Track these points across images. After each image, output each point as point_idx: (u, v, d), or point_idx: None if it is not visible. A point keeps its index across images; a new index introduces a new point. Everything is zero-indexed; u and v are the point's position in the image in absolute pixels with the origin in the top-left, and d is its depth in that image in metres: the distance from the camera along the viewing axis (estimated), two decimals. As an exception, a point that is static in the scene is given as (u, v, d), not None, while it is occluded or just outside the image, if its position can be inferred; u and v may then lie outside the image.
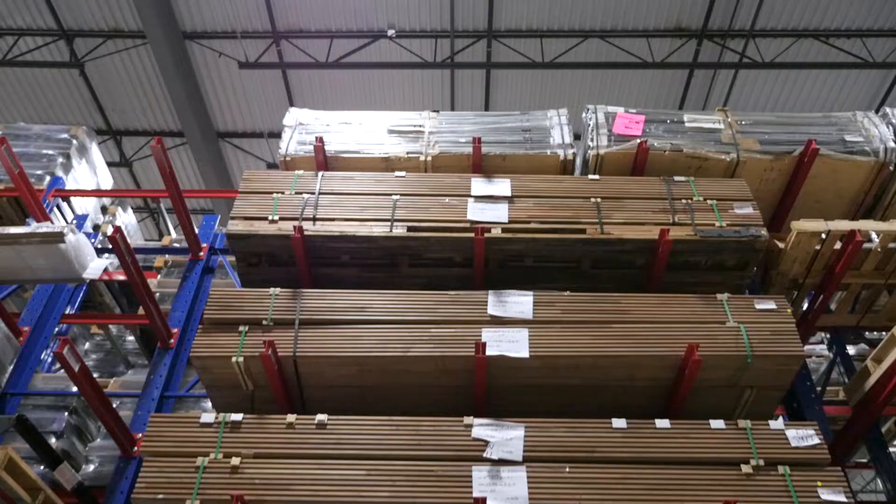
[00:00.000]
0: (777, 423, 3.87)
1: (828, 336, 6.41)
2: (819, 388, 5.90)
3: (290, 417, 3.84)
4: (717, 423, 3.84)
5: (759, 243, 4.61)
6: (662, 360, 4.11)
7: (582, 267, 4.86)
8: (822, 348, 6.84)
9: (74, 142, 6.95)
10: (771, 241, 4.94)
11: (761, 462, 3.68)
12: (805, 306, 5.36)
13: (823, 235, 4.79)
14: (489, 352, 4.06)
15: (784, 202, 5.47)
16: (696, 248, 4.65)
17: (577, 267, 4.87)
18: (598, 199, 4.80)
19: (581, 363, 4.14)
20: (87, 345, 7.23)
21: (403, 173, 5.05)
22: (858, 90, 12.47)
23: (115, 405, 4.91)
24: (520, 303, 4.35)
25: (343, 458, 3.69)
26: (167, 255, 7.06)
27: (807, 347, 6.36)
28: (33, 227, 5.09)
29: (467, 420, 3.83)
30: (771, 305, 4.33)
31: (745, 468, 3.66)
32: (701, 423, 3.82)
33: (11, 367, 5.14)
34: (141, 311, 6.07)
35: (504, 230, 4.63)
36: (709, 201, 4.79)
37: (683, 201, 4.80)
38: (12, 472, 3.50)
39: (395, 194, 4.84)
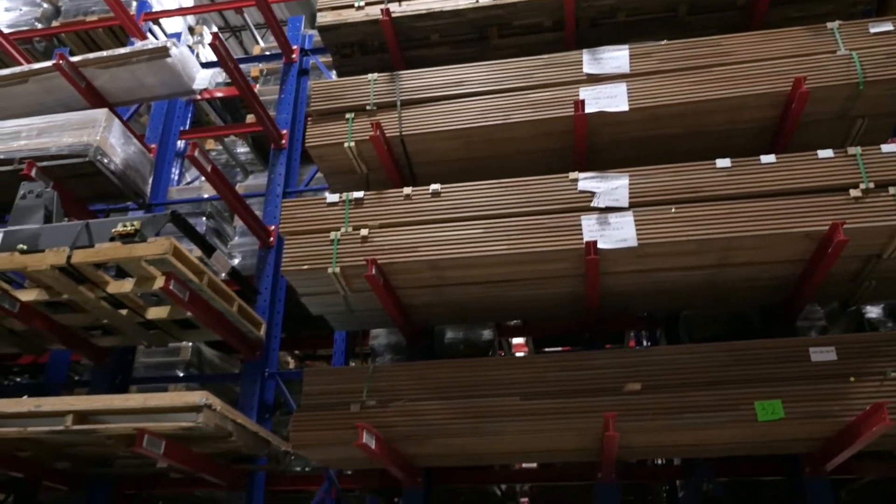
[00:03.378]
0: (889, 147, 3.81)
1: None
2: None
3: (407, 190, 4.13)
4: (825, 153, 3.82)
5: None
6: (767, 97, 4.05)
7: (678, 15, 4.68)
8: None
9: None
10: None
11: (871, 185, 3.69)
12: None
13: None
14: (588, 109, 4.13)
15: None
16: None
17: (672, 16, 4.69)
18: (694, -64, 4.48)
19: (682, 111, 4.15)
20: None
21: (483, -61, 4.85)
22: None
23: (245, 204, 5.41)
24: (615, 58, 4.30)
25: (459, 220, 3.99)
26: (262, 64, 7.26)
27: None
28: (139, 45, 5.35)
29: (573, 175, 3.99)
30: (888, 27, 4.08)
31: (854, 192, 3.69)
32: (808, 154, 3.83)
33: (151, 180, 5.68)
34: (249, 119, 6.44)
35: (594, -16, 4.46)
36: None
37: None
38: (178, 258, 4.03)
39: (477, -37, 4.70)
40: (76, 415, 3.67)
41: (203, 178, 7.02)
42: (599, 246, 3.73)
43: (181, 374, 5.62)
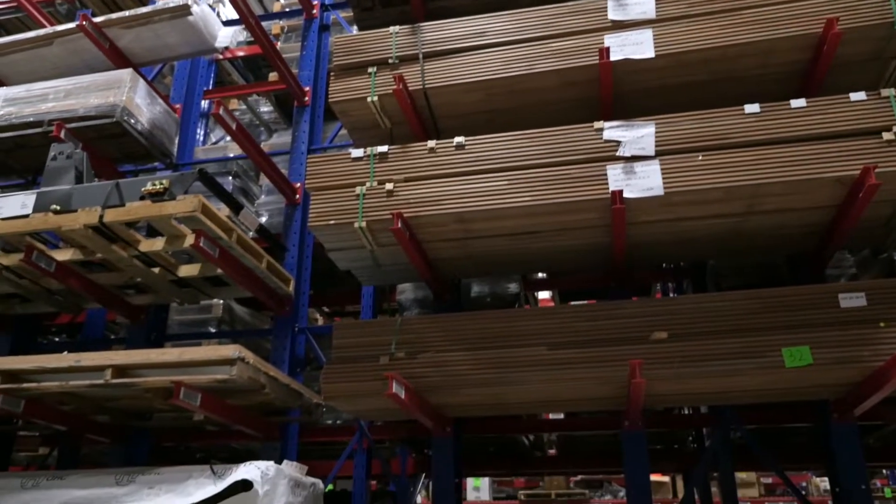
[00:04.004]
0: (923, 87, 3.71)
1: None
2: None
3: (431, 143, 4.13)
4: (857, 96, 3.73)
5: None
6: (798, 40, 3.95)
7: (705, -43, 4.54)
8: None
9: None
10: None
11: (904, 128, 3.62)
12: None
13: None
14: (613, 57, 4.06)
15: None
16: None
17: (700, -42, 4.56)
18: None
19: (710, 56, 4.07)
20: (229, 120, 7.78)
21: None
22: None
23: (271, 161, 5.44)
24: (641, 3, 4.21)
25: (484, 172, 3.98)
26: (282, 21, 7.22)
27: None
28: (161, 3, 5.35)
29: (598, 124, 3.95)
30: (925, -37, 3.94)
31: (887, 135, 3.61)
32: (839, 97, 3.74)
33: (177, 140, 5.73)
34: (271, 77, 6.43)
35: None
36: None
37: None
38: (207, 215, 4.09)
39: None
40: (115, 369, 3.79)
41: (228, 139, 7.07)
42: (625, 195, 3.72)
43: (213, 331, 5.75)
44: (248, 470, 3.58)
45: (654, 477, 9.33)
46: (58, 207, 4.22)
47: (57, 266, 4.42)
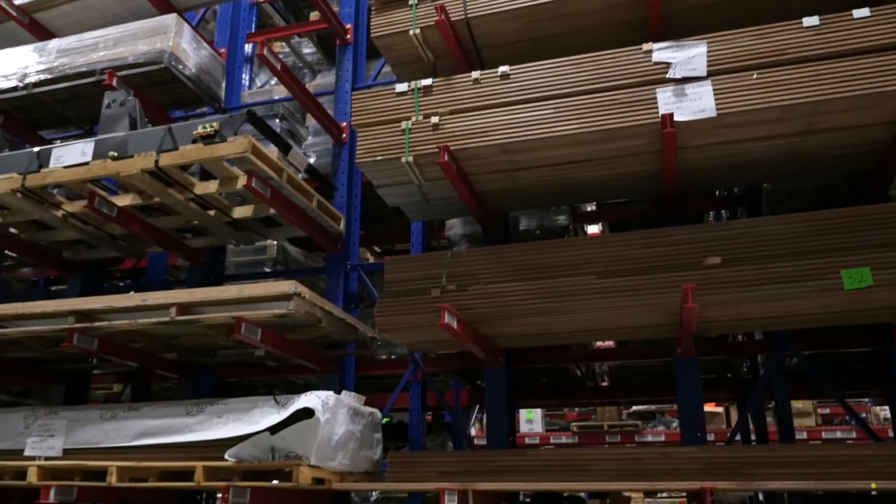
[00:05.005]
0: None
1: None
2: None
3: (475, 74, 4.08)
4: (925, 3, 3.54)
5: None
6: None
7: None
8: None
9: None
10: None
11: (978, 35, 3.41)
12: None
13: None
14: (662, -26, 3.91)
15: None
16: None
17: None
18: None
19: (765, -32, 3.89)
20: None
21: None
22: None
23: (316, 102, 5.46)
24: (691, -85, 4.02)
25: (529, 101, 3.93)
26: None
27: None
28: (199, -54, 5.34)
29: (646, 46, 3.83)
30: None
31: (958, 43, 3.42)
32: (906, 5, 3.54)
33: (224, 84, 5.80)
34: (313, 16, 6.40)
35: None
36: None
37: None
38: (257, 155, 4.16)
39: None
40: (179, 307, 3.95)
41: (273, 82, 7.11)
42: (676, 118, 3.63)
43: (268, 271, 5.92)
44: (310, 399, 3.73)
45: (707, 407, 9.35)
46: (115, 154, 4.35)
47: (118, 211, 4.59)
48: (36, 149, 4.66)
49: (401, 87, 4.19)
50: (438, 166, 3.96)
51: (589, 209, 6.46)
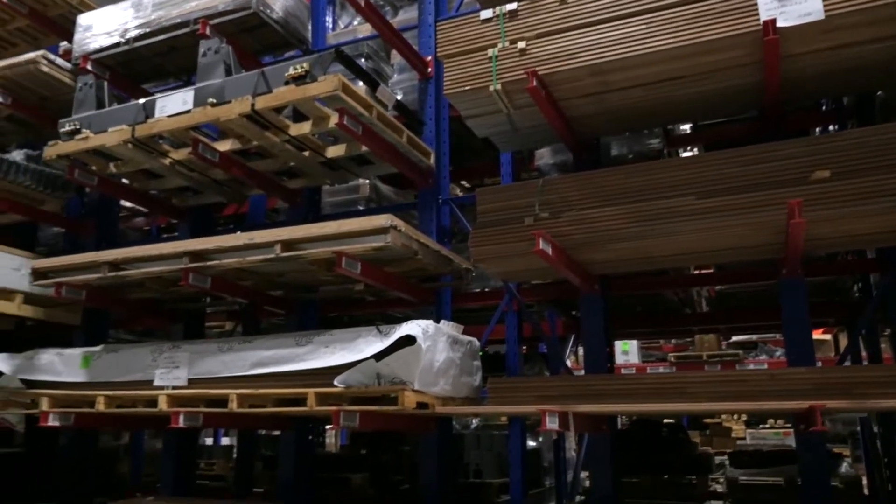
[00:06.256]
0: None
1: None
2: None
3: (561, -7, 3.96)
4: None
5: None
6: None
7: None
8: None
9: None
10: None
11: None
12: None
13: None
14: None
15: None
16: None
17: None
18: None
19: None
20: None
21: None
22: None
23: (400, 36, 5.46)
24: None
25: (619, 18, 3.79)
26: None
27: None
28: None
29: (744, -52, 3.60)
30: None
31: None
32: None
33: (310, 26, 5.87)
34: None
35: None
36: None
37: None
38: (347, 93, 4.23)
39: None
40: (283, 244, 4.14)
41: (356, 22, 7.12)
42: (779, 24, 3.41)
43: (362, 208, 6.07)
44: (411, 327, 3.87)
45: (814, 335, 9.02)
46: (214, 100, 4.52)
47: (220, 156, 4.80)
48: (141, 101, 4.91)
49: (485, 13, 4.13)
50: (527, 92, 3.91)
51: (683, 131, 6.23)
